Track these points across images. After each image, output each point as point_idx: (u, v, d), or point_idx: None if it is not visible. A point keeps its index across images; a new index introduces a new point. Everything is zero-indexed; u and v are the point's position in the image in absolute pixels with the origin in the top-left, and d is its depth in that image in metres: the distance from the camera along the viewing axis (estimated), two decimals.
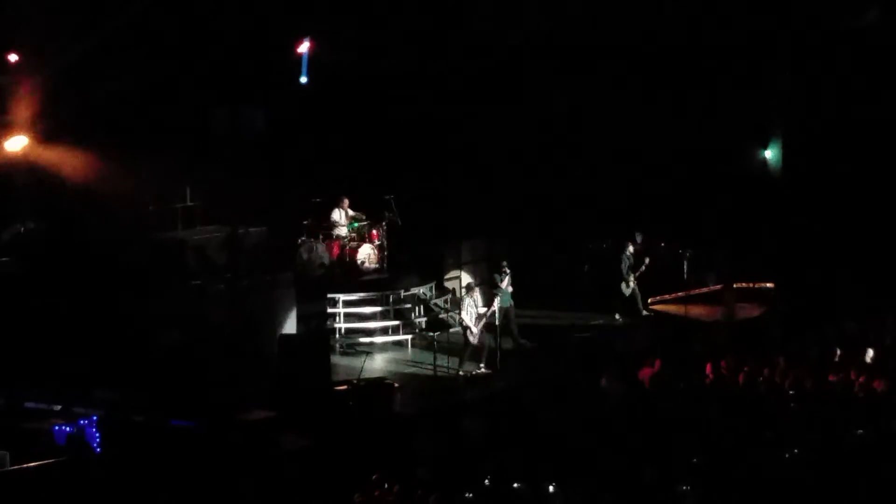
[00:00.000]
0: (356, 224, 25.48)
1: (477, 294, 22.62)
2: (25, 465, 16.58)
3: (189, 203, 24.12)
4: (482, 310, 22.34)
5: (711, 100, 27.19)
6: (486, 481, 15.39)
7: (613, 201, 27.51)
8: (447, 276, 26.38)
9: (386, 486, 15.24)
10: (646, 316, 25.97)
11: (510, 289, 23.66)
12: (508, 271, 23.69)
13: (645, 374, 20.38)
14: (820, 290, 24.53)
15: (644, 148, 27.36)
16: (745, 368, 19.89)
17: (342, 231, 25.46)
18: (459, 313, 22.68)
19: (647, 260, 26.06)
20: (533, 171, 27.78)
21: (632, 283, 25.99)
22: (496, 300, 22.54)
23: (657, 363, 20.34)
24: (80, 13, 22.68)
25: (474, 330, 22.22)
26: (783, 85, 27.65)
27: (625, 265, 25.93)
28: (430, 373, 22.11)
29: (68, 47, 22.33)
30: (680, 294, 26.18)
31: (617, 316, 26.01)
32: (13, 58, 22.74)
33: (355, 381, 20.41)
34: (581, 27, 26.38)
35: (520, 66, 26.99)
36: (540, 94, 27.26)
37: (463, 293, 23.27)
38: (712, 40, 26.56)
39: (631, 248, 26.09)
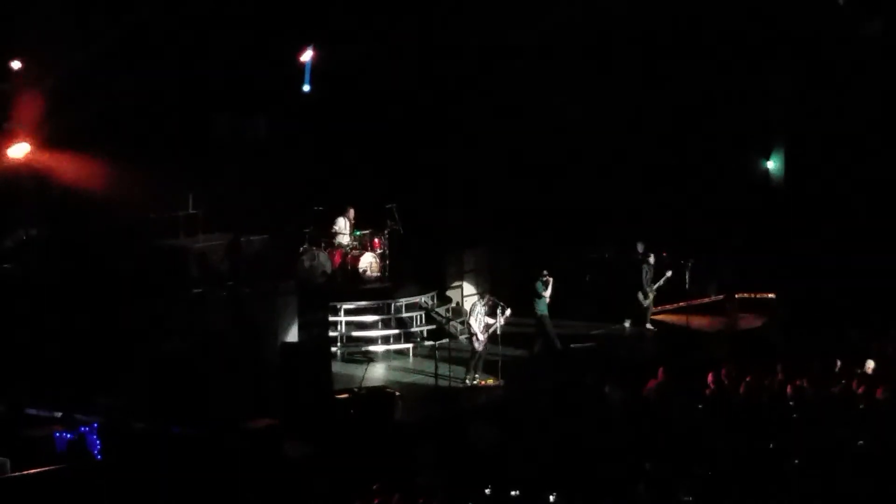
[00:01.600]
0: (358, 232, 25.49)
1: (488, 302, 22.60)
2: (26, 472, 16.54)
3: (191, 211, 24.06)
4: (490, 320, 22.35)
5: (714, 109, 27.18)
6: (487, 490, 15.39)
7: (615, 211, 27.47)
8: (449, 286, 26.38)
9: (387, 494, 15.22)
10: (649, 330, 25.88)
11: (548, 298, 23.79)
12: (550, 279, 23.73)
13: (648, 383, 20.36)
14: (821, 301, 24.50)
15: (646, 157, 27.35)
16: (747, 378, 19.86)
17: (344, 239, 25.47)
18: (469, 318, 22.66)
19: (668, 273, 25.70)
20: (536, 179, 27.75)
21: (651, 295, 25.84)
22: (500, 313, 22.40)
23: (660, 372, 20.32)
24: (83, 20, 22.69)
25: (481, 337, 22.25)
26: (785, 94, 27.65)
27: (645, 276, 25.74)
28: (432, 381, 22.09)
29: (71, 55, 22.33)
30: (682, 304, 26.16)
31: (626, 322, 25.93)
32: (16, 65, 22.74)
33: (356, 390, 20.42)
34: (580, 32, 26.36)
35: (521, 71, 26.97)
36: (541, 101, 27.24)
37: (475, 299, 23.27)
38: (714, 47, 26.58)
39: (652, 259, 25.85)
